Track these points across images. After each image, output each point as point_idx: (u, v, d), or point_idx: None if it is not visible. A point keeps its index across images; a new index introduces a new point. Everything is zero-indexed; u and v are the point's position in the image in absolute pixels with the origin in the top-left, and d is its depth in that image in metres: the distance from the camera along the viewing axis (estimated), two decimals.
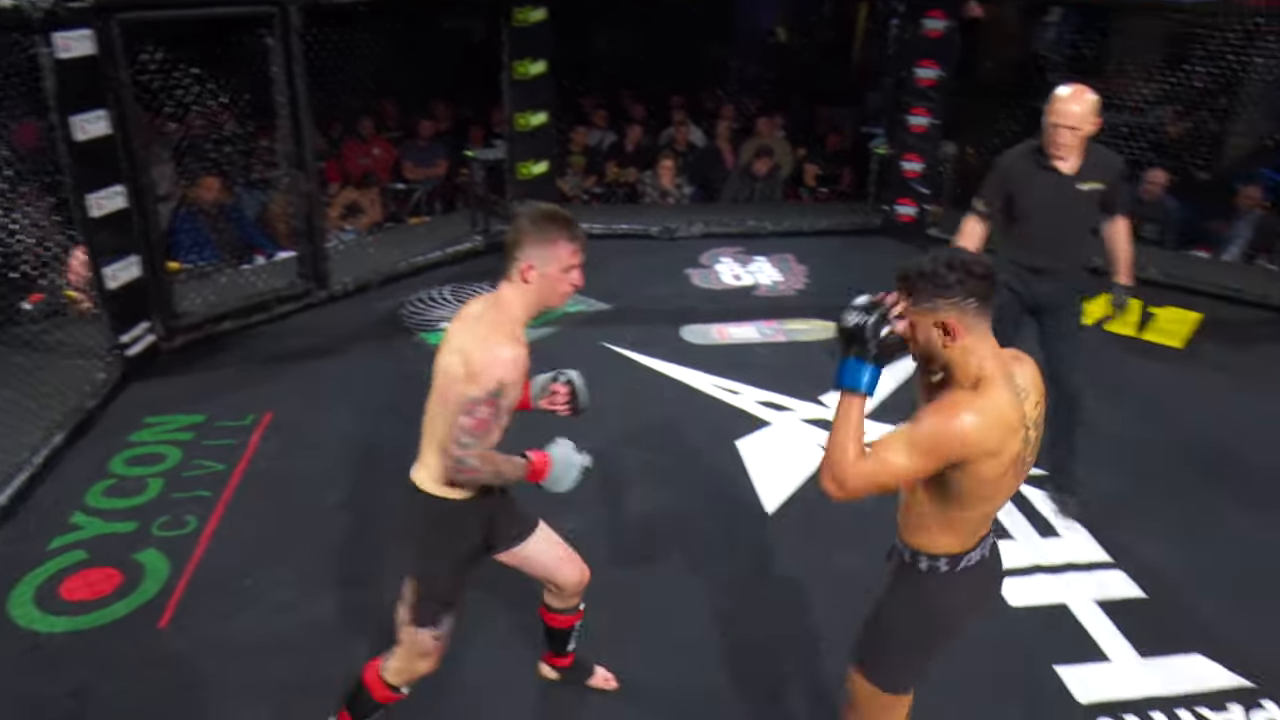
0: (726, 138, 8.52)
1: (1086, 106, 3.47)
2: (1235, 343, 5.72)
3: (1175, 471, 4.33)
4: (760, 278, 6.63)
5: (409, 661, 2.53)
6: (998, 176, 3.71)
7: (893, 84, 7.44)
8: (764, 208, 7.81)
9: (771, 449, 4.42)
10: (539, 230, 2.27)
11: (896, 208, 7.43)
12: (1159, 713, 2.98)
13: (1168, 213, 7.12)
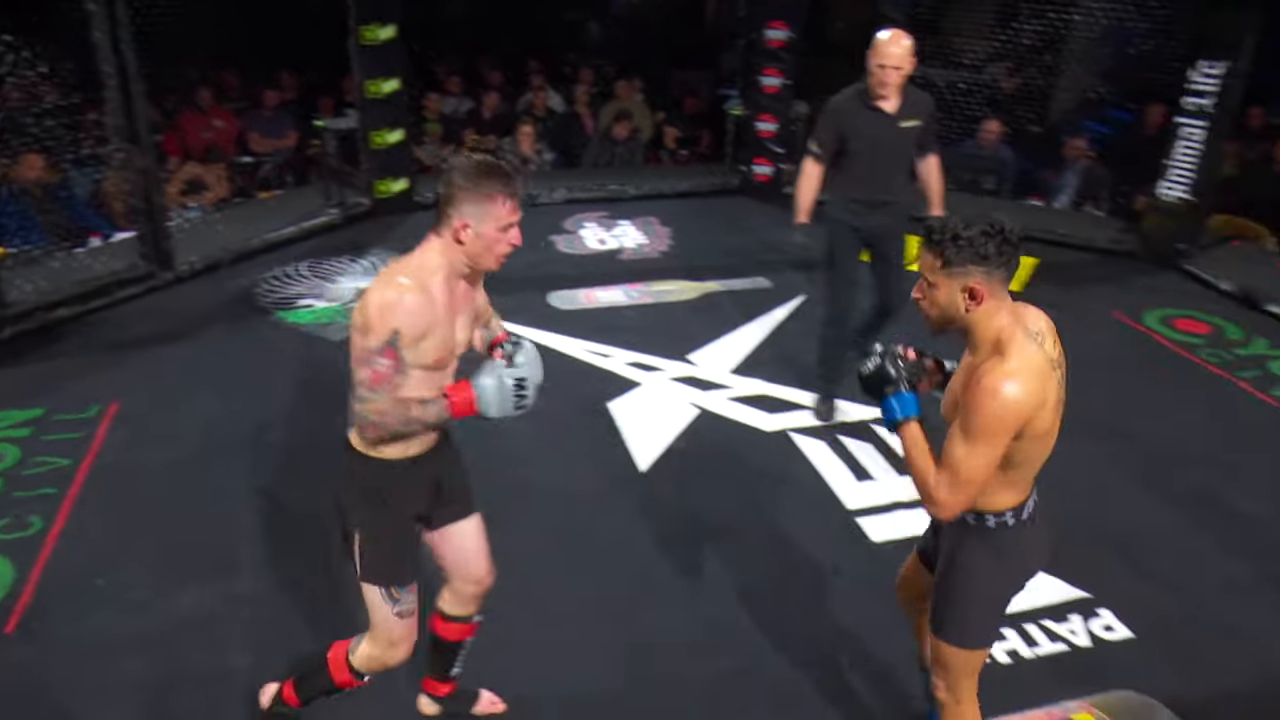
0: (585, 102, 8.48)
1: (905, 49, 3.82)
2: (1067, 283, 6.11)
3: None
4: (625, 241, 6.67)
5: (380, 650, 2.39)
6: (830, 119, 4.00)
7: (745, 45, 7.55)
8: (626, 172, 7.84)
9: (643, 409, 4.47)
10: (475, 184, 2.07)
11: (753, 167, 7.58)
12: (1010, 629, 3.19)
13: (1004, 165, 7.52)
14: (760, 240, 6.54)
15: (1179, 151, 6.21)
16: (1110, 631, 3.19)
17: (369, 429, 2.13)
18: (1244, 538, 3.68)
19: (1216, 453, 4.27)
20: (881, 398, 2.13)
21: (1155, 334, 5.45)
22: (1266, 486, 4.02)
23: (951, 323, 2.03)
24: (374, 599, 2.33)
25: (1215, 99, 6.00)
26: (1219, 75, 5.96)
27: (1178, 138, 6.21)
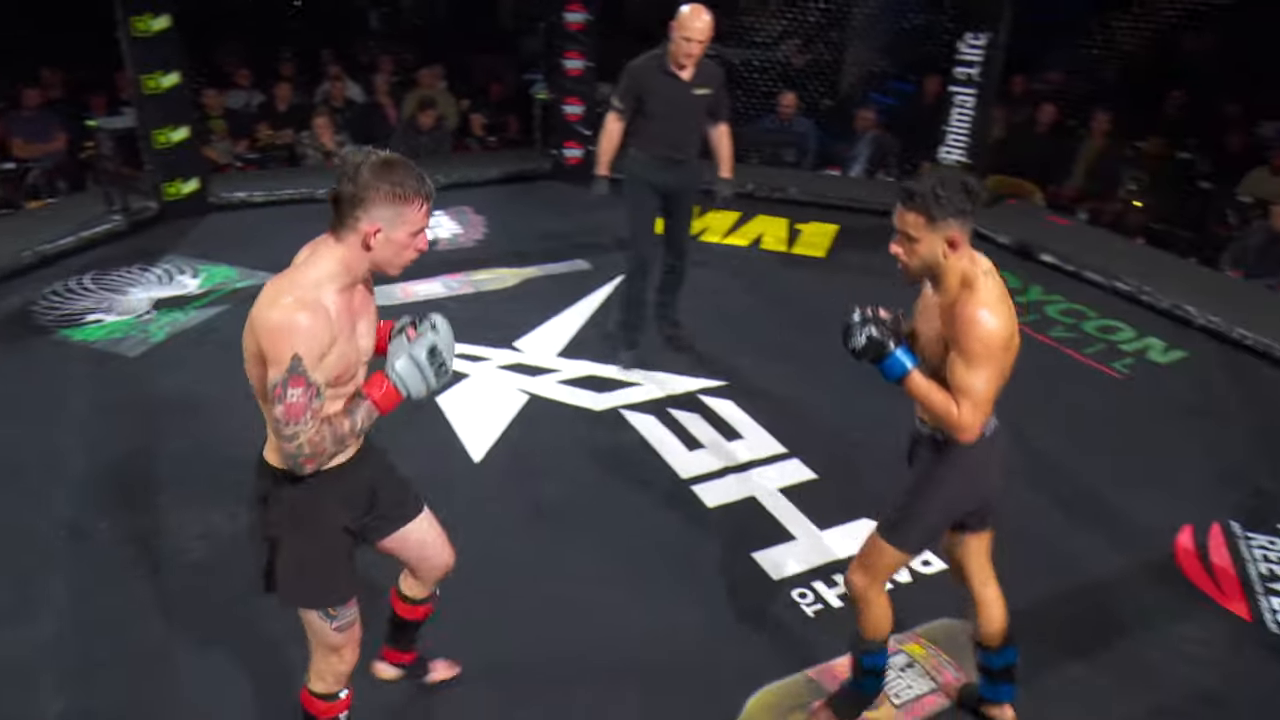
0: (386, 92, 8.23)
1: (706, 23, 4.14)
2: (868, 247, 6.47)
3: (832, 366, 4.84)
4: (439, 232, 6.54)
5: (325, 660, 2.27)
6: (630, 80, 4.32)
7: (545, 29, 7.54)
8: (434, 161, 7.66)
9: (472, 400, 4.43)
10: (390, 185, 1.90)
11: (564, 151, 7.59)
12: (840, 574, 3.38)
13: (804, 138, 7.88)
14: (576, 223, 6.58)
15: (954, 119, 6.71)
16: (928, 566, 3.44)
17: (306, 464, 1.95)
18: (1037, 468, 4.04)
19: (1008, 394, 4.64)
20: (878, 361, 2.32)
21: None
22: (1051, 420, 4.43)
23: (930, 271, 2.25)
24: (311, 620, 2.21)
25: (981, 69, 6.51)
26: (983, 46, 6.46)
27: (952, 106, 6.70)
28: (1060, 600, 3.31)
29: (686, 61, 4.18)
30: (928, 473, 2.45)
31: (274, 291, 1.91)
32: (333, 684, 2.31)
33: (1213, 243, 6.53)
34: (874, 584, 2.57)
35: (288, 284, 1.92)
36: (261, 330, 1.89)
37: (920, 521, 2.46)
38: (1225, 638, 3.17)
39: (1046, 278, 6.07)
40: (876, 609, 2.60)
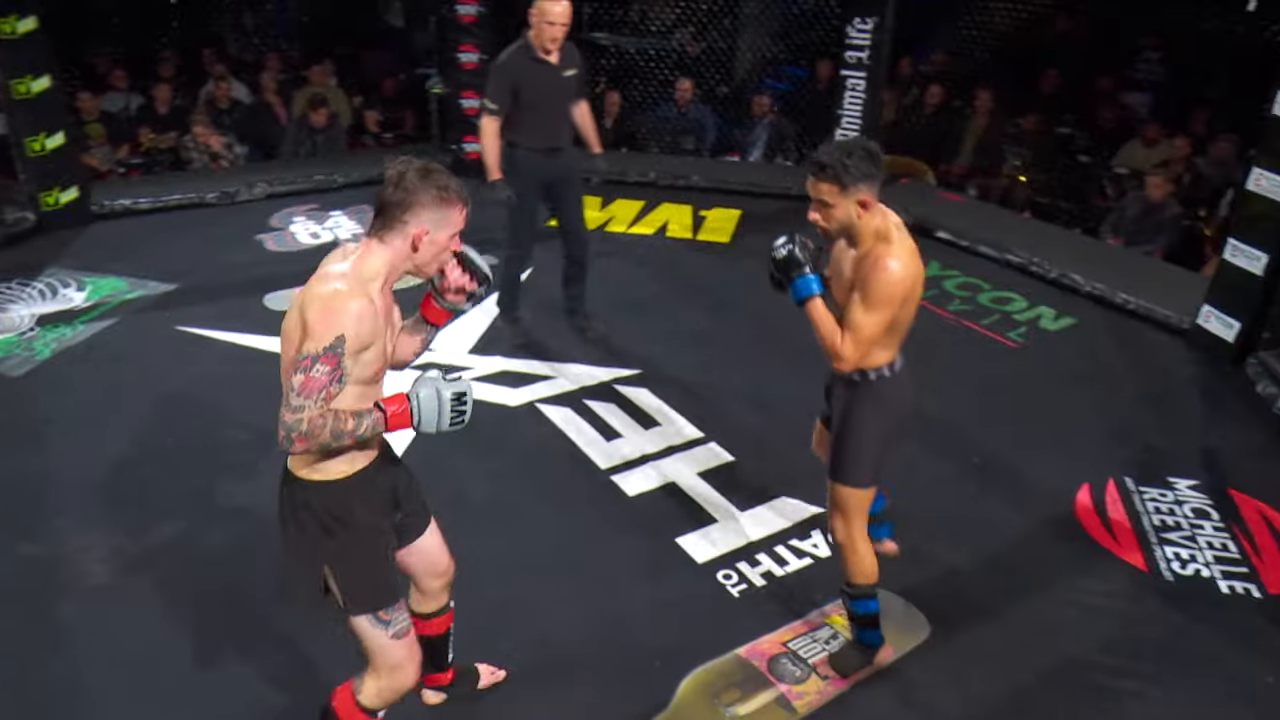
0: (275, 90, 7.97)
1: (567, 8, 4.24)
2: (770, 231, 6.53)
3: (742, 349, 4.95)
4: (340, 233, 6.38)
5: (387, 679, 2.22)
6: (503, 76, 4.32)
7: (437, 23, 7.41)
8: (330, 160, 7.47)
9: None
10: (438, 190, 2.01)
11: (463, 145, 7.48)
12: (762, 553, 3.44)
13: (703, 126, 7.94)
14: (481, 218, 6.46)
15: (847, 102, 6.85)
16: None
17: (297, 441, 1.94)
18: (943, 439, 4.17)
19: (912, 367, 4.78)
20: (790, 279, 2.53)
21: None
22: (954, 391, 4.57)
23: (846, 231, 2.49)
24: (364, 629, 2.18)
25: (870, 53, 6.66)
26: (870, 31, 6.61)
27: (845, 89, 6.84)
28: (971, 564, 3.44)
29: (552, 46, 4.27)
30: (852, 414, 2.69)
31: (329, 276, 1.97)
32: (386, 703, 2.28)
33: (1094, 214, 6.84)
34: (853, 526, 2.76)
35: (341, 275, 1.97)
36: (315, 303, 1.92)
37: (863, 457, 2.69)
38: (1124, 588, 3.34)
39: (943, 254, 6.25)
40: (861, 552, 2.78)
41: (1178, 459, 4.08)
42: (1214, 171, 6.75)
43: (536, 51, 4.28)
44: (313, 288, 1.97)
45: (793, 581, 3.32)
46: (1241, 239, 4.80)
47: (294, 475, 2.12)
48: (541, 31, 4.23)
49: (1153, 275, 5.71)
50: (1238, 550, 3.52)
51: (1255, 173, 4.69)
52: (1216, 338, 4.95)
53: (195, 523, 3.52)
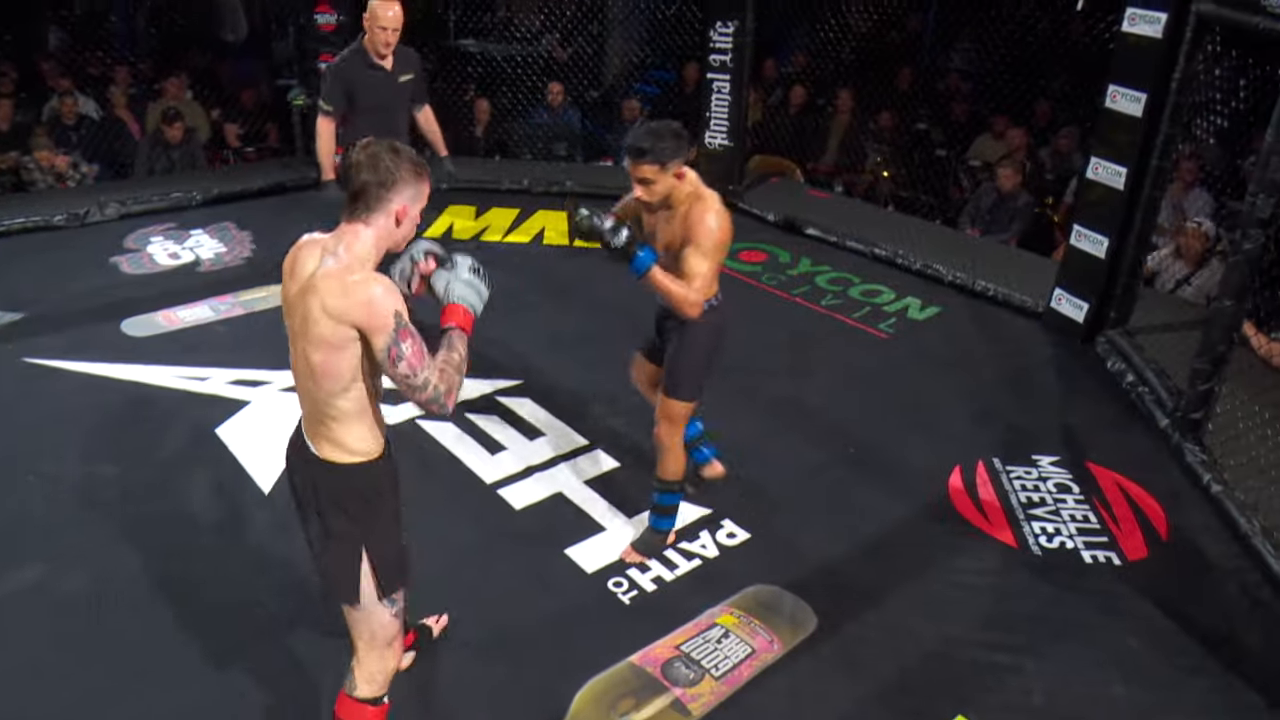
0: (125, 105, 7.52)
1: (398, 12, 4.25)
2: None
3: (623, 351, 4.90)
4: (201, 252, 6.06)
5: (379, 660, 2.31)
6: (336, 80, 4.32)
7: (295, 32, 7.14)
8: (188, 177, 7.09)
9: (256, 428, 4.13)
10: (414, 168, 2.09)
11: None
12: (654, 560, 3.41)
13: (574, 131, 7.89)
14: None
15: (714, 104, 6.92)
16: (732, 538, 3.54)
17: (448, 401, 2.10)
18: (819, 430, 4.25)
19: (787, 362, 4.88)
20: (629, 258, 2.85)
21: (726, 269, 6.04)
22: (828, 383, 4.67)
23: (666, 199, 2.91)
24: (373, 610, 2.25)
25: (733, 55, 6.74)
26: (732, 34, 6.69)
27: (711, 92, 6.90)
28: (851, 551, 3.50)
29: (386, 51, 4.27)
30: (686, 340, 3.11)
31: (339, 275, 2.02)
32: (381, 685, 2.34)
33: (952, 206, 7.11)
34: (674, 432, 3.23)
35: (344, 269, 2.03)
36: (356, 307, 1.99)
37: (695, 375, 3.15)
38: (997, 565, 3.45)
39: (813, 250, 6.39)
40: (677, 453, 3.28)
41: (1039, 437, 4.26)
42: (1058, 161, 7.12)
43: (371, 56, 4.28)
44: (336, 295, 2.00)
45: (683, 584, 3.31)
46: (1084, 224, 5.07)
47: (329, 462, 2.16)
48: (375, 36, 4.24)
49: (1009, 263, 5.97)
50: (1098, 521, 3.69)
51: (1093, 161, 4.95)
52: (1068, 319, 5.20)
53: (56, 566, 3.27)
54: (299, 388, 2.17)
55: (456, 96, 8.08)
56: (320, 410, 2.12)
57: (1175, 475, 4.01)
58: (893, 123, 7.65)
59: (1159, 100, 4.59)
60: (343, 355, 2.04)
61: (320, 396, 2.10)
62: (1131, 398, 4.58)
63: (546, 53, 8.26)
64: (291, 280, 2.13)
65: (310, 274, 2.07)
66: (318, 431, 2.16)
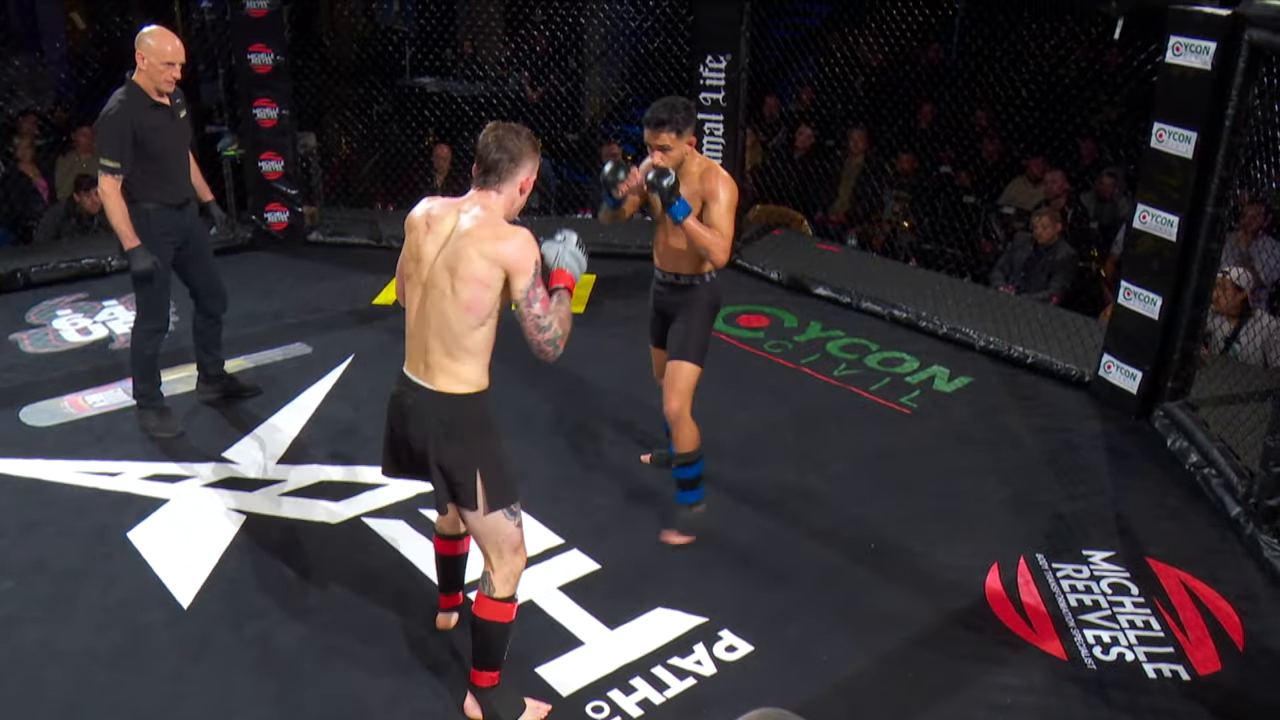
0: (31, 159, 7.64)
1: (180, 45, 4.43)
2: (631, 295, 6.64)
3: (604, 436, 4.95)
4: (116, 326, 6.11)
5: (510, 562, 2.99)
6: (121, 129, 4.37)
7: (226, 74, 7.31)
8: (101, 239, 7.16)
9: (173, 530, 4.12)
10: (530, 141, 2.82)
11: (266, 215, 7.33)
12: (638, 677, 3.39)
13: (546, 181, 8.03)
14: (288, 300, 6.36)
15: (705, 147, 7.06)
16: (732, 651, 3.51)
17: (562, 344, 2.90)
18: (829, 523, 4.26)
19: (794, 444, 4.90)
20: (675, 200, 3.68)
21: (723, 335, 6.11)
22: (844, 467, 4.69)
23: (680, 167, 3.73)
24: (499, 523, 2.95)
25: (726, 92, 6.92)
26: (724, 69, 6.87)
27: (702, 134, 7.06)
28: (873, 666, 3.47)
29: (169, 89, 4.44)
30: (694, 309, 3.94)
31: (492, 224, 2.78)
32: (514, 585, 3.02)
33: (983, 260, 7.22)
34: (686, 403, 3.93)
35: (494, 221, 2.79)
36: (507, 249, 2.75)
37: (700, 342, 3.93)
38: (1043, 680, 3.42)
39: (823, 312, 6.46)
40: (691, 423, 3.96)
41: (1090, 529, 4.27)
42: (1103, 208, 7.26)
43: (151, 96, 4.42)
44: (488, 240, 2.74)
45: (674, 708, 3.27)
46: (1133, 281, 5.15)
47: (446, 393, 2.85)
48: (157, 74, 4.37)
49: (1049, 325, 6.04)
50: (1161, 628, 3.68)
51: (1140, 209, 5.06)
52: (1120, 390, 5.25)
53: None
54: (420, 334, 2.85)
55: (413, 142, 8.24)
56: (451, 346, 2.82)
57: (1250, 572, 4.02)
58: (913, 165, 7.82)
59: (1211, 139, 4.71)
60: (489, 293, 2.76)
61: (458, 330, 2.79)
62: (1196, 481, 4.60)
63: (515, 92, 8.45)
64: (429, 234, 2.83)
65: (453, 227, 2.79)
66: (440, 367, 2.84)
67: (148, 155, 4.42)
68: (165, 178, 4.54)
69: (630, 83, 8.57)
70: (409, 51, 8.95)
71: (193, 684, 3.32)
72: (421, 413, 2.89)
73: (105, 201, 4.44)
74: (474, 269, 2.74)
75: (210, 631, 3.58)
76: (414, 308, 2.88)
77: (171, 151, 4.54)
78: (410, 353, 2.92)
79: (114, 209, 4.42)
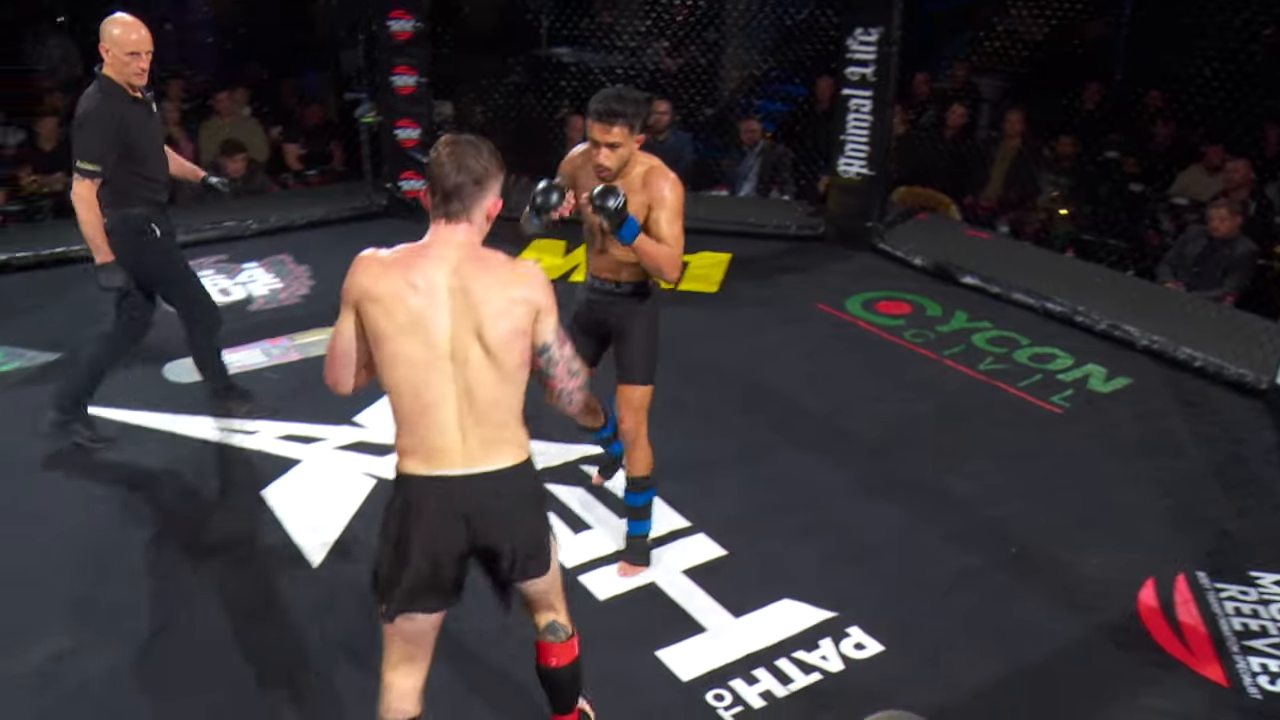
0: (178, 122, 8.05)
1: (149, 34, 4.21)
2: (764, 276, 6.67)
3: (733, 419, 4.96)
4: (254, 288, 6.40)
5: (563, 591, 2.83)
6: (106, 129, 4.14)
7: (367, 41, 7.54)
8: (243, 203, 7.50)
9: (305, 490, 4.31)
10: (497, 162, 2.42)
11: (400, 183, 7.56)
12: (761, 668, 3.40)
13: (681, 155, 8.05)
14: None
15: (851, 125, 6.97)
16: (861, 649, 3.50)
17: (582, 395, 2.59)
18: (969, 524, 4.18)
19: (932, 438, 4.83)
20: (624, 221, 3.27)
21: (860, 321, 6.07)
22: (986, 466, 4.59)
23: (623, 164, 3.38)
24: (557, 566, 2.73)
25: (875, 68, 6.80)
26: (875, 43, 6.76)
27: (848, 110, 6.96)
28: (1011, 676, 3.41)
29: (141, 82, 4.24)
30: (639, 322, 3.68)
31: (495, 260, 2.43)
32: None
33: (1149, 253, 6.94)
34: (642, 422, 3.73)
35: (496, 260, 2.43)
36: (535, 286, 2.42)
37: (651, 360, 3.70)
38: (1200, 707, 3.30)
39: (970, 302, 6.33)
40: (646, 445, 3.77)
41: (1259, 548, 4.08)
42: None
43: (126, 91, 4.23)
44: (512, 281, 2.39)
45: (797, 702, 3.28)
46: None
47: (514, 465, 2.48)
48: (124, 66, 4.16)
49: (1222, 325, 5.80)
50: None
51: None
52: None
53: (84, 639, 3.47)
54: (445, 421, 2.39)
55: (547, 113, 8.36)
56: (504, 413, 2.44)
57: None
58: (1074, 149, 7.57)
59: None
60: (526, 339, 2.43)
61: (512, 399, 2.44)
62: None
63: (653, 64, 8.48)
64: (422, 297, 2.36)
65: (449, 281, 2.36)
66: (499, 438, 2.44)
67: (135, 155, 4.23)
68: (153, 177, 4.37)
69: (773, 55, 8.50)
70: (546, 21, 9.05)
71: (330, 639, 3.50)
72: (498, 504, 2.47)
73: (80, 208, 4.19)
74: (512, 321, 2.38)
75: (340, 591, 3.74)
76: (436, 394, 2.37)
77: (155, 150, 4.38)
78: (439, 448, 2.40)
79: (88, 217, 4.20)
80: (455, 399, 2.37)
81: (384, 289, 2.37)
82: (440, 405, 2.37)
